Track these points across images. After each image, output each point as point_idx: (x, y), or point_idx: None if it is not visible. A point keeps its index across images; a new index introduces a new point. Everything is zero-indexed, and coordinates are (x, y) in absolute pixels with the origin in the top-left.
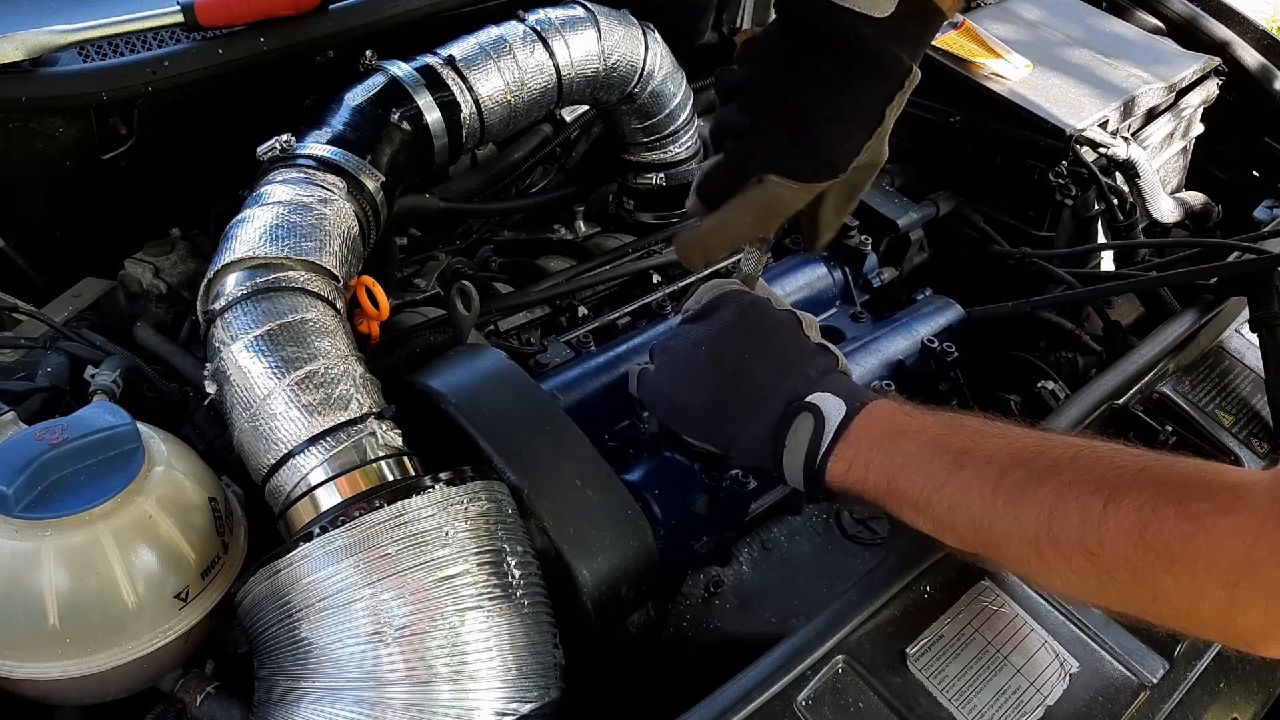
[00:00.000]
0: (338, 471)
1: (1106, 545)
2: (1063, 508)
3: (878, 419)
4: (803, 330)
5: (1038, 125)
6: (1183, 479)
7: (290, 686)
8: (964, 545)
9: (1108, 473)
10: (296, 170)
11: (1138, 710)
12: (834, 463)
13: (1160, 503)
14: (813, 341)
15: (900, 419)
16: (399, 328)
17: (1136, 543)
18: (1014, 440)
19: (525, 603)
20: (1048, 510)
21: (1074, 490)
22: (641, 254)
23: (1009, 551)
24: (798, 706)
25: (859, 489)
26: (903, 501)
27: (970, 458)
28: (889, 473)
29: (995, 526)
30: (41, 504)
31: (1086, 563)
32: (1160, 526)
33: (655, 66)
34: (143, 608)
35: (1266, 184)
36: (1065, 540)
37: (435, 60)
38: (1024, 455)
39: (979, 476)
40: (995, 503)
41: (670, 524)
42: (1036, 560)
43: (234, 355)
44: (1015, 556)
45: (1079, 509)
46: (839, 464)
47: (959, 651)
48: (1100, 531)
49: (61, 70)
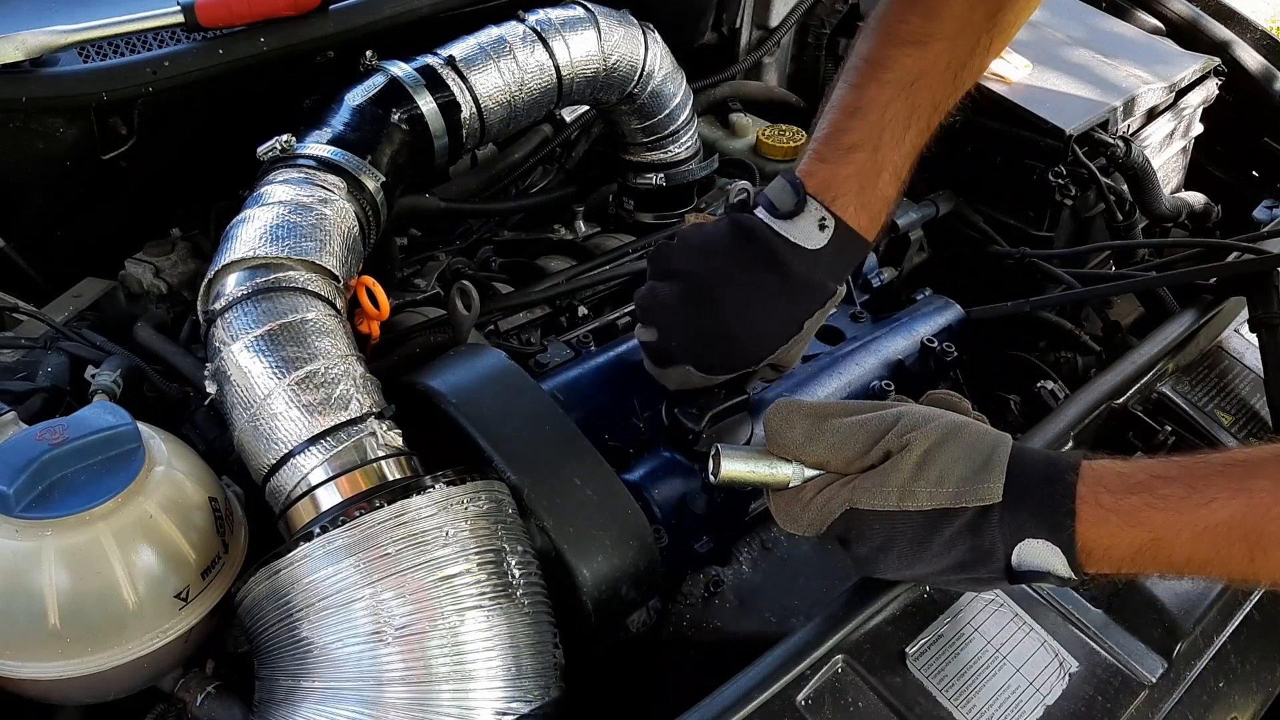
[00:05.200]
0: (338, 471)
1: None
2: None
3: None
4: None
5: (1038, 125)
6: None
7: (290, 686)
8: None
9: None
10: (297, 170)
11: (1137, 710)
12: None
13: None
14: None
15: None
16: (399, 328)
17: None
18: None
19: (525, 602)
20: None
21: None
22: (641, 254)
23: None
24: (798, 706)
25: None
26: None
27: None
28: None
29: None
30: (42, 504)
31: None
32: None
33: (655, 66)
34: (143, 607)
35: (1266, 184)
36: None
37: (435, 60)
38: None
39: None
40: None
41: (670, 524)
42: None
43: (234, 355)
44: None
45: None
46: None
47: (959, 651)
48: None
49: (61, 70)
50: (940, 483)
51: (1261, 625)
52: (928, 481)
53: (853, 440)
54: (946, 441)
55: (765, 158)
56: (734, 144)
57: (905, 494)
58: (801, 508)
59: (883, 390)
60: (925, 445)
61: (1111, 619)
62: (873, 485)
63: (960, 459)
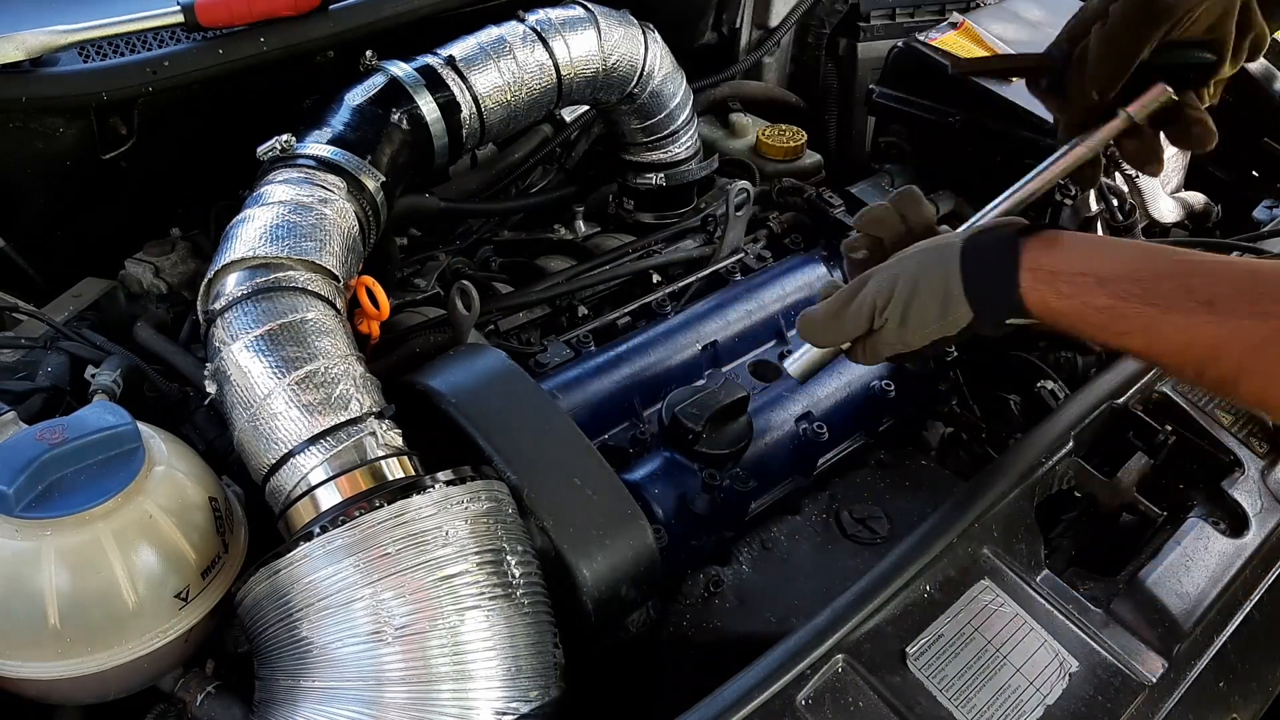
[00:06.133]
0: (338, 471)
1: None
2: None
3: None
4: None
5: (1038, 125)
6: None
7: (290, 686)
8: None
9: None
10: (297, 170)
11: (1137, 710)
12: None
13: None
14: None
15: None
16: (399, 328)
17: None
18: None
19: (525, 602)
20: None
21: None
22: (641, 254)
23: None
24: (798, 706)
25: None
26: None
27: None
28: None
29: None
30: (42, 504)
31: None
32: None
33: (655, 66)
34: (143, 607)
35: (1266, 184)
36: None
37: (435, 60)
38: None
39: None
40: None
41: (670, 524)
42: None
43: (234, 355)
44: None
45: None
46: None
47: (959, 651)
48: None
49: (61, 70)
50: (921, 328)
51: (1261, 625)
52: (912, 332)
53: (852, 325)
54: (912, 300)
55: (765, 158)
56: (734, 144)
57: (903, 344)
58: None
59: (883, 390)
60: (899, 312)
61: (1111, 619)
62: (881, 345)
63: (928, 305)
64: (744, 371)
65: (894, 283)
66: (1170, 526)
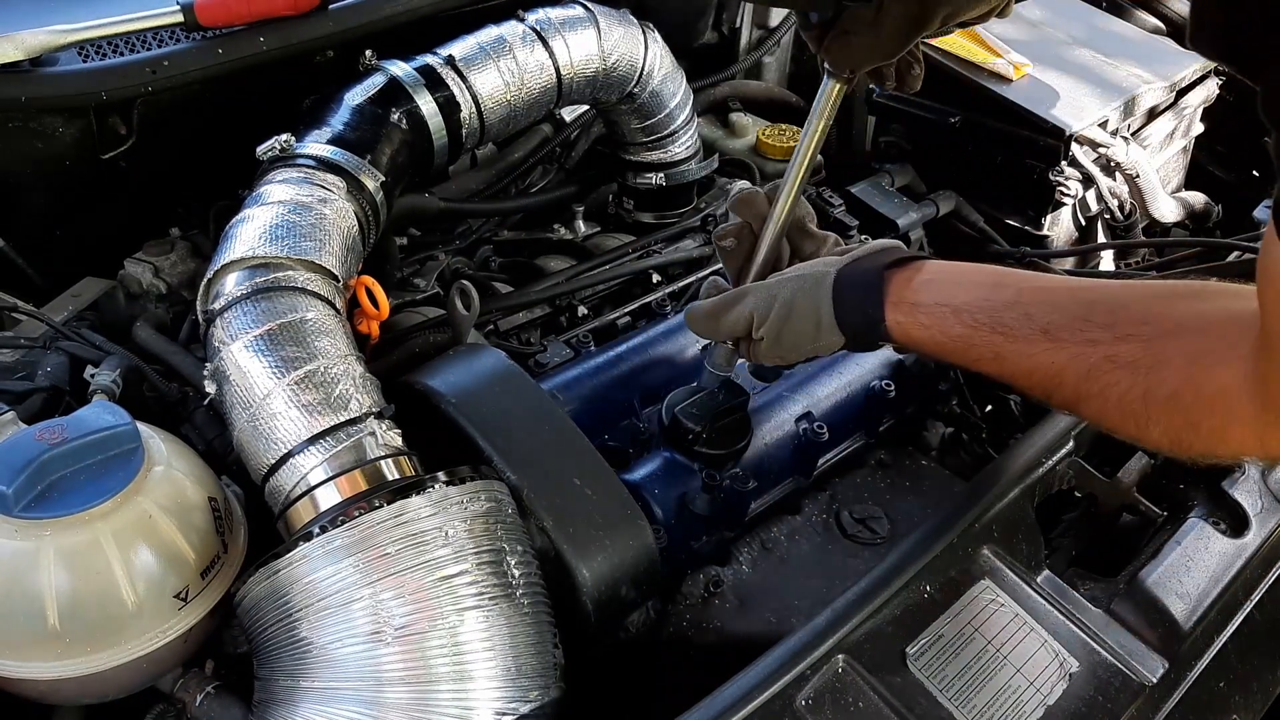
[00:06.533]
0: (337, 471)
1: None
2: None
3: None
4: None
5: (1037, 125)
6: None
7: (290, 686)
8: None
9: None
10: (296, 170)
11: (1138, 710)
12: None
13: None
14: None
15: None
16: (399, 328)
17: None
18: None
19: (525, 602)
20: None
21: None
22: (641, 254)
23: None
24: (798, 706)
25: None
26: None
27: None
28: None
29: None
30: (41, 504)
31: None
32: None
33: (655, 66)
34: (142, 608)
35: (1266, 184)
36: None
37: (435, 60)
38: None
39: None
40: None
41: (670, 524)
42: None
43: (234, 355)
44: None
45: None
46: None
47: (959, 651)
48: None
49: (61, 70)
50: (796, 348)
51: (1262, 625)
52: (788, 350)
53: (728, 330)
54: (786, 323)
55: (765, 157)
56: (734, 144)
57: (780, 359)
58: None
59: (883, 390)
60: (774, 332)
61: (1112, 619)
62: (760, 355)
63: (802, 330)
64: (744, 371)
65: (771, 304)
66: (1170, 526)
